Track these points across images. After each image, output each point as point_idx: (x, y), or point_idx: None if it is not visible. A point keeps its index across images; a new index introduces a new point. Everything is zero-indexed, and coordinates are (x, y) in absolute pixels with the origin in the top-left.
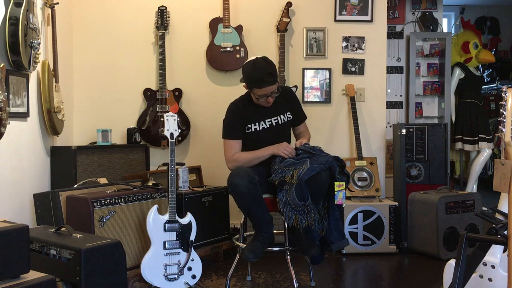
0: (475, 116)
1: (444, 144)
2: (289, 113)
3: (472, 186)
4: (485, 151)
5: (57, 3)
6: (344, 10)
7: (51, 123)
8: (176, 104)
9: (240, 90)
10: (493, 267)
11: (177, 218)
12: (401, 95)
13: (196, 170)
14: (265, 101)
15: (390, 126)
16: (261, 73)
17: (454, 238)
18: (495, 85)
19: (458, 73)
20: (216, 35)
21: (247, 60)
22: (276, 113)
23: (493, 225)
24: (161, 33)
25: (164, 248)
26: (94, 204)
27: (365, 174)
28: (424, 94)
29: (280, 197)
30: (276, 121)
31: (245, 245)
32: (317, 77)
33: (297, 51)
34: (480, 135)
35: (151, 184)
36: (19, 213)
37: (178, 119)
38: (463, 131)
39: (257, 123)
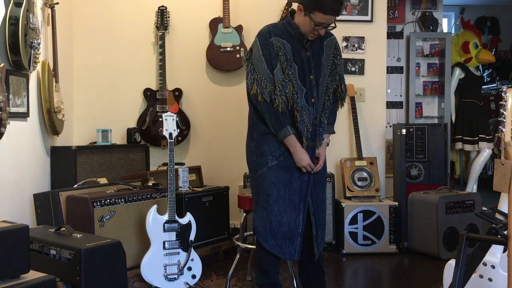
0: (475, 116)
1: (444, 144)
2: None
3: (472, 186)
4: (485, 151)
5: (57, 3)
6: (344, 10)
7: (51, 123)
8: (176, 104)
9: (241, 90)
10: (493, 267)
11: (176, 218)
12: (401, 95)
13: (196, 170)
14: (316, 32)
15: (390, 126)
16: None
17: (454, 238)
18: (495, 85)
19: (458, 73)
20: (216, 35)
21: None
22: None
23: (493, 225)
24: (161, 33)
25: (164, 248)
26: (94, 204)
27: (365, 174)
28: (424, 94)
29: None
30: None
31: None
32: None
33: None
34: (480, 135)
35: (151, 184)
36: (19, 213)
37: (177, 118)
38: (463, 131)
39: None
